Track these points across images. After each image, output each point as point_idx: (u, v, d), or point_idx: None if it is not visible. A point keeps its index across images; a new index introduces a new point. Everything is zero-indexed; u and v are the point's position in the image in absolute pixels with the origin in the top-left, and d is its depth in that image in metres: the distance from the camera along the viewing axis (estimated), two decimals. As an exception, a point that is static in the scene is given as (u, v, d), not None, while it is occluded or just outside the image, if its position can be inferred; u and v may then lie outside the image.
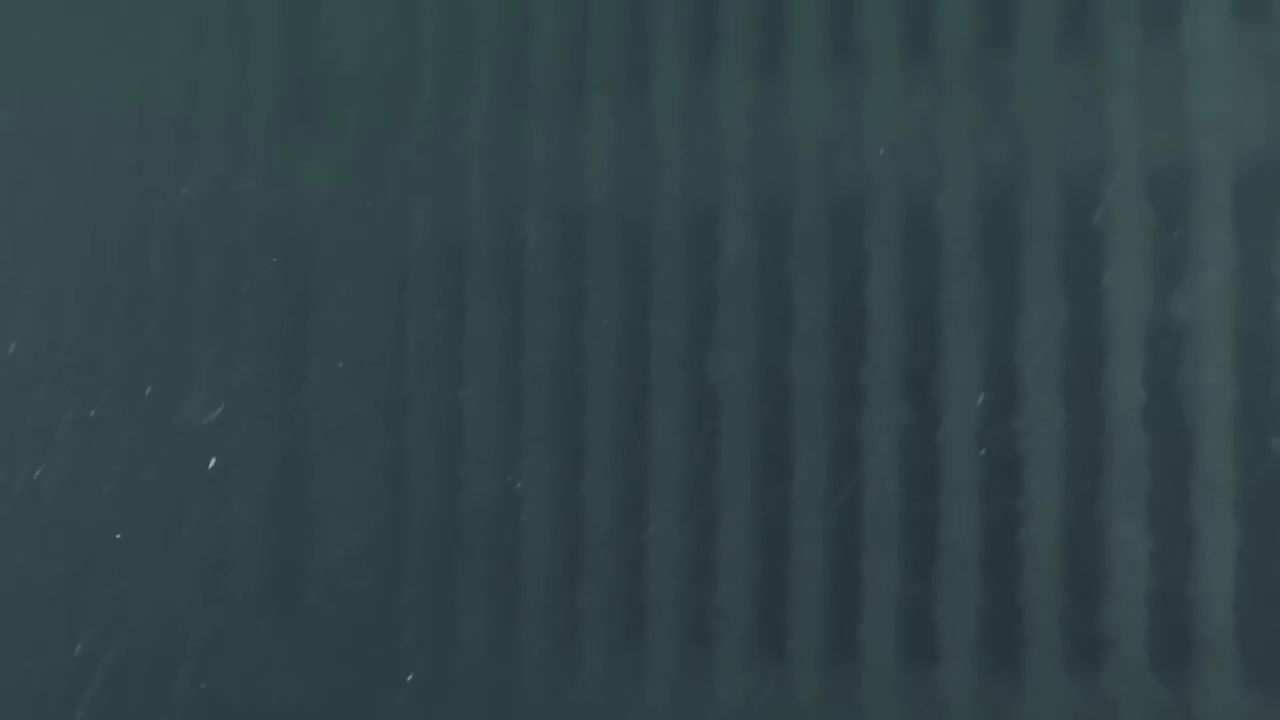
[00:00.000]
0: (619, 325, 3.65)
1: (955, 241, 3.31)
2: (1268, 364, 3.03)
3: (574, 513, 3.63)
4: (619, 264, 3.67)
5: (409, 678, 3.74)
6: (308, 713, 3.86)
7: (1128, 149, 3.17)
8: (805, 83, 3.50)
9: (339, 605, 3.84)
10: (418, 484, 3.83)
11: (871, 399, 3.35)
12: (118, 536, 4.15)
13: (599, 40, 3.73)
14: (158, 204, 4.27)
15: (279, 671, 3.91)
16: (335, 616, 3.84)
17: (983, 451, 3.22)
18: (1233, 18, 3.12)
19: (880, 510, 3.30)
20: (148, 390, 4.21)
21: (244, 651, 3.95)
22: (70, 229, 4.38)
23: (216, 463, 4.12)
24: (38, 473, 4.27)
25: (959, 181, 3.31)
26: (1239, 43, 3.12)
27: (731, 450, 3.49)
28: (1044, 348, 3.19)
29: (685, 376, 3.55)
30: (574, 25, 3.75)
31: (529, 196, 3.78)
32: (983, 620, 3.21)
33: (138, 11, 4.34)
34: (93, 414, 4.23)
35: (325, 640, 3.86)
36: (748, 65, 3.56)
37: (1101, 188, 3.18)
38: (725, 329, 3.50)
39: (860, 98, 3.43)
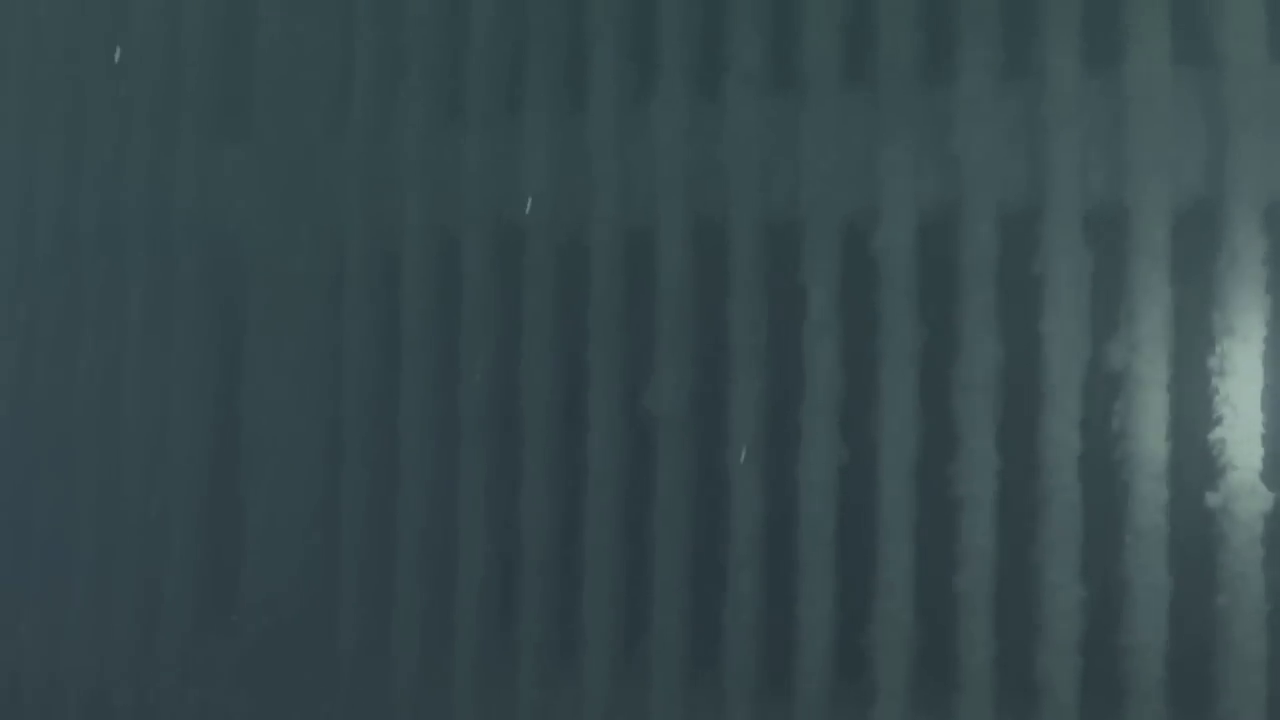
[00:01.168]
0: (553, 346, 3.60)
1: (891, 277, 3.26)
2: (1202, 414, 3.00)
3: (509, 540, 3.60)
4: (554, 282, 3.61)
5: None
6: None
7: (1066, 189, 3.12)
8: (742, 107, 3.42)
9: (273, 629, 3.82)
10: (353, 503, 3.78)
11: (807, 436, 3.31)
12: (48, 557, 4.11)
13: (535, 56, 3.64)
14: (89, 213, 4.18)
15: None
16: (270, 641, 3.82)
17: (918, 494, 3.20)
18: (1171, 60, 3.07)
19: (815, 549, 3.28)
20: (79, 404, 4.15)
21: (178, 677, 3.93)
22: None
23: (149, 475, 4.07)
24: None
25: (895, 215, 3.26)
26: (1178, 84, 3.07)
27: (668, 478, 3.46)
28: (980, 390, 3.16)
29: (621, 403, 3.51)
30: (511, 39, 3.66)
31: (464, 212, 3.71)
32: (917, 662, 3.20)
33: (68, 19, 4.22)
34: (23, 427, 4.17)
35: (260, 664, 3.83)
36: (686, 88, 3.48)
37: (1039, 229, 3.14)
38: (662, 356, 3.45)
39: (797, 126, 3.36)
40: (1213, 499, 2.99)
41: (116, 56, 4.14)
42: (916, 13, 3.28)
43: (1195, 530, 3.01)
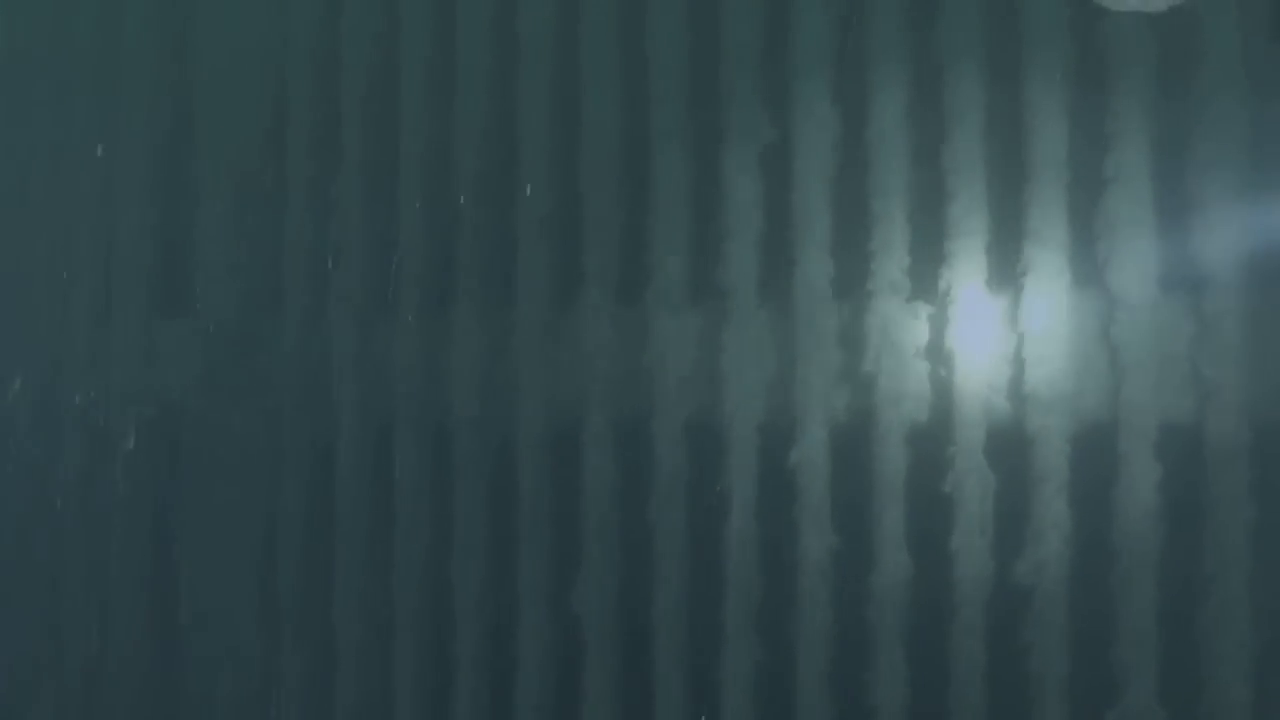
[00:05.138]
0: (483, 543, 3.70)
1: (807, 488, 3.39)
2: (1103, 633, 3.14)
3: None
4: (483, 480, 3.72)
5: None
6: None
7: (971, 413, 3.26)
8: (664, 318, 3.54)
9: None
10: (289, 688, 3.86)
11: (728, 639, 3.43)
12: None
13: (463, 258, 3.75)
14: (30, 395, 4.23)
15: None
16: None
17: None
18: (1069, 290, 3.22)
19: (736, 755, 3.39)
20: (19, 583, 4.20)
21: None
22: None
23: (91, 658, 4.13)
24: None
25: (810, 429, 3.39)
26: (1075, 315, 3.22)
27: (594, 677, 3.56)
28: (891, 603, 3.29)
29: (549, 602, 3.61)
30: (439, 242, 3.77)
31: (394, 406, 3.80)
32: None
33: (11, 198, 4.29)
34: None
35: None
36: (609, 296, 3.61)
37: (948, 450, 3.27)
38: (587, 557, 3.56)
39: (717, 339, 3.49)
40: (1111, 716, 3.12)
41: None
42: (830, 237, 3.41)
43: (1097, 745, 3.14)
